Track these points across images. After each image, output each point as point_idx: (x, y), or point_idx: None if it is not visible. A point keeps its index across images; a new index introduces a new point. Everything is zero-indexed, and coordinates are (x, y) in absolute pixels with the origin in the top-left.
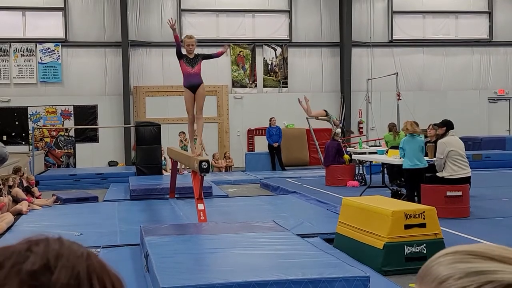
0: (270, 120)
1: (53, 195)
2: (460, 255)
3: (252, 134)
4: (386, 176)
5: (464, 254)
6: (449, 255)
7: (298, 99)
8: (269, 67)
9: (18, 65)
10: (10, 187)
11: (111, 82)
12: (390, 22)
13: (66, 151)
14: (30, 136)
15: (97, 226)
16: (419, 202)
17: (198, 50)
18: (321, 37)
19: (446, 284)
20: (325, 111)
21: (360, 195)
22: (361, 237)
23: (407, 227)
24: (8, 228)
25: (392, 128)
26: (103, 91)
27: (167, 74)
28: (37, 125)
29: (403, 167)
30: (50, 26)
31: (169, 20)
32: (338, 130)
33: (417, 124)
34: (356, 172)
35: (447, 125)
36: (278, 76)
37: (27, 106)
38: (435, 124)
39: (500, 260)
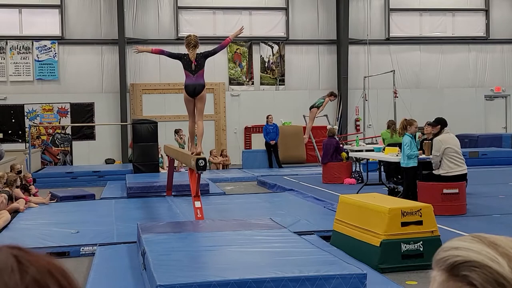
0: (267, 118)
1: (49, 192)
2: None
3: (249, 131)
4: (383, 174)
5: None
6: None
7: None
8: (266, 65)
9: (14, 63)
10: (17, 187)
11: (107, 80)
12: (387, 20)
13: (62, 148)
14: (26, 134)
15: (94, 224)
16: (413, 199)
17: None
18: (318, 35)
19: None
20: (314, 107)
21: (357, 193)
22: (358, 234)
23: (404, 224)
24: (5, 226)
25: (390, 125)
26: (100, 88)
27: (164, 71)
28: (33, 122)
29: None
30: (47, 23)
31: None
32: (335, 127)
33: (410, 124)
34: (353, 170)
35: (440, 123)
36: (275, 73)
37: (23, 104)
38: (428, 123)
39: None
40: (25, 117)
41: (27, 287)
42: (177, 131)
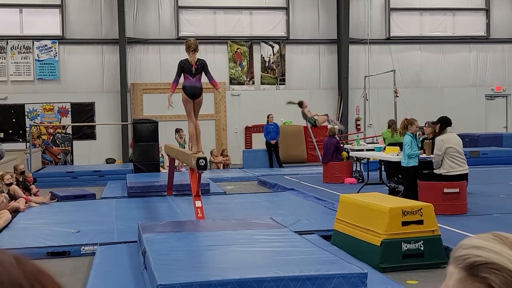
0: (268, 117)
1: (49, 192)
2: None
3: (249, 131)
4: (384, 173)
5: None
6: None
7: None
8: (267, 64)
9: (15, 63)
10: (8, 185)
11: (108, 79)
12: (387, 19)
13: (63, 148)
14: (27, 134)
15: (94, 223)
16: (414, 199)
17: None
18: (318, 34)
19: None
20: (327, 116)
21: (358, 192)
22: (358, 234)
23: (405, 224)
24: (6, 226)
25: (391, 125)
26: (100, 88)
27: (164, 71)
28: (34, 122)
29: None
30: (47, 23)
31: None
32: (336, 127)
33: (411, 123)
34: (354, 169)
35: (441, 122)
36: (275, 73)
37: (24, 104)
38: (432, 122)
39: None
40: (26, 117)
41: (26, 277)
42: (177, 131)
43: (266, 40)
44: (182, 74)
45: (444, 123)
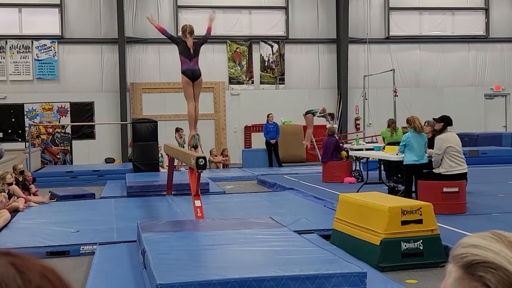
0: (268, 116)
1: (49, 192)
2: None
3: (249, 130)
4: (383, 173)
5: None
6: None
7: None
8: (266, 64)
9: (14, 62)
10: (9, 184)
11: (107, 79)
12: (386, 19)
13: (62, 148)
14: (26, 133)
15: (94, 223)
16: (416, 198)
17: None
18: (318, 34)
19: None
20: (311, 113)
21: (357, 192)
22: (358, 233)
23: (404, 223)
24: (5, 225)
25: (391, 124)
26: (100, 87)
27: (164, 70)
28: (33, 122)
29: (405, 163)
30: (46, 22)
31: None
32: (335, 126)
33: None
34: (353, 169)
35: (444, 121)
36: (275, 72)
37: (23, 103)
38: (434, 119)
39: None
40: (25, 116)
41: None
42: (177, 130)
43: (266, 40)
44: (180, 58)
45: (446, 122)
